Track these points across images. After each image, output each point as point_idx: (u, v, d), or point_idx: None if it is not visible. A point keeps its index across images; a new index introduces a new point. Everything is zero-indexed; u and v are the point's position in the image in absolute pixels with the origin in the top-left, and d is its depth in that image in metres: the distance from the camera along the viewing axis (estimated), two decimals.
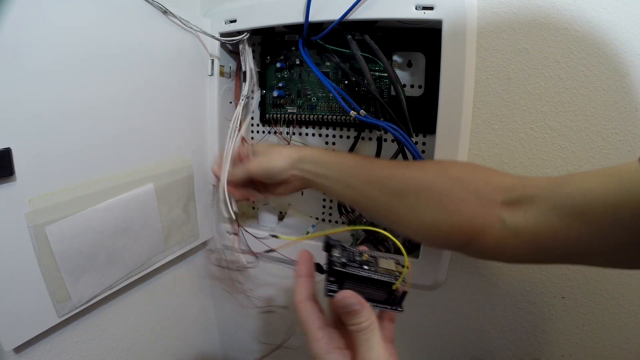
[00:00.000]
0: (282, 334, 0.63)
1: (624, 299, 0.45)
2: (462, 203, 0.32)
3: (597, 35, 0.41)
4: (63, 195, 0.38)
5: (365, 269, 0.29)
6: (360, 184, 0.38)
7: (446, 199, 0.33)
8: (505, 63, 0.44)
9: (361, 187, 0.38)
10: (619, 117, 0.42)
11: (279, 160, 0.43)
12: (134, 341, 0.53)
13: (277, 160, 0.43)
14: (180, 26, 0.50)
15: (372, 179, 0.37)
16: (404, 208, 0.35)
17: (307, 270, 0.31)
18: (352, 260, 0.30)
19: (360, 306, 0.28)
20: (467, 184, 0.33)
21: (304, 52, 0.52)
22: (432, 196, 0.33)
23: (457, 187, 0.33)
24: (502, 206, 0.31)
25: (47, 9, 0.34)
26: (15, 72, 0.33)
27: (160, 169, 0.50)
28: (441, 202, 0.33)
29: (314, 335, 0.29)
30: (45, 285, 0.37)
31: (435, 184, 0.34)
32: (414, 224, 0.35)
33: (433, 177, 0.35)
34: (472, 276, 0.51)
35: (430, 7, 0.43)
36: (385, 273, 0.30)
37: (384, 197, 0.36)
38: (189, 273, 0.62)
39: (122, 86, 0.43)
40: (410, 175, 0.36)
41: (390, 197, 0.35)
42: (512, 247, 0.31)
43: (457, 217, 0.32)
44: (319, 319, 0.30)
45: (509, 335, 0.51)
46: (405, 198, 0.34)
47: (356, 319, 0.28)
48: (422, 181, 0.34)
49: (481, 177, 0.34)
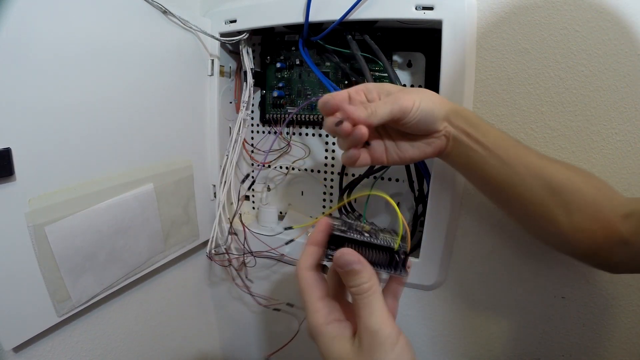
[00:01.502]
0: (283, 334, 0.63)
1: (624, 299, 0.45)
2: (602, 212, 0.33)
3: (597, 35, 0.41)
4: (63, 195, 0.38)
5: (365, 236, 0.28)
6: (520, 167, 0.33)
7: (593, 206, 0.33)
8: (505, 63, 0.44)
9: (521, 170, 0.33)
10: (619, 117, 0.42)
11: (436, 104, 0.34)
12: (134, 341, 0.53)
13: (435, 104, 0.34)
14: (180, 26, 0.50)
15: (530, 165, 0.34)
16: (557, 206, 0.34)
17: (320, 240, 0.28)
18: (351, 228, 0.29)
19: (360, 265, 0.26)
20: (605, 195, 0.34)
21: (304, 52, 0.52)
22: (583, 200, 0.34)
23: (600, 196, 0.34)
24: (621, 219, 0.33)
25: (47, 9, 0.34)
26: (16, 72, 0.33)
27: (160, 169, 0.50)
28: (589, 207, 0.33)
29: (313, 306, 0.28)
30: (45, 285, 0.37)
31: (586, 188, 0.34)
32: (563, 223, 0.34)
33: (583, 180, 0.34)
34: (472, 276, 0.51)
35: (430, 7, 0.43)
36: (383, 238, 0.29)
37: (540, 189, 0.34)
38: (189, 273, 0.62)
39: (122, 86, 0.43)
40: (565, 173, 0.34)
41: (546, 190, 0.34)
42: (619, 255, 0.33)
43: (598, 224, 0.33)
44: (319, 289, 0.28)
45: (509, 335, 0.51)
46: (560, 195, 0.33)
47: (357, 280, 0.26)
48: (576, 182, 0.34)
49: (609, 191, 0.35)
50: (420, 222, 0.52)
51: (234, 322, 0.70)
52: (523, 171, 0.34)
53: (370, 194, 0.55)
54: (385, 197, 0.30)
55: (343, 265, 0.26)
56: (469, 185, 0.48)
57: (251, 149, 0.63)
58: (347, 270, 0.26)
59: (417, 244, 0.52)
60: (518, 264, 0.48)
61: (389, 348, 0.24)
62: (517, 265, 0.48)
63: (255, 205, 0.67)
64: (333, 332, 0.27)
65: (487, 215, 0.48)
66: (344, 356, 0.26)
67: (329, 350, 0.27)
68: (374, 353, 0.24)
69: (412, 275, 0.51)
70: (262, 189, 0.65)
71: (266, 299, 0.59)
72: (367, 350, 0.25)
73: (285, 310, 0.59)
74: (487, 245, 0.49)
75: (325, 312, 0.28)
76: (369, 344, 0.25)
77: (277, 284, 0.63)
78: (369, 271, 0.26)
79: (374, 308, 0.25)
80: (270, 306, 0.59)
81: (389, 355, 0.24)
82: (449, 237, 0.49)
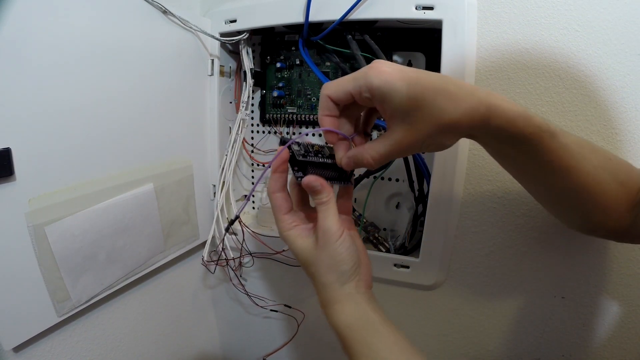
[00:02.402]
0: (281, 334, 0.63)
1: (624, 299, 0.45)
2: (620, 208, 0.33)
3: (597, 35, 0.41)
4: (63, 195, 0.38)
5: (319, 157, 0.36)
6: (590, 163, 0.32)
7: (613, 205, 0.33)
8: (505, 63, 0.44)
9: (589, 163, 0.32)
10: (619, 117, 0.42)
11: (447, 119, 0.27)
12: (134, 341, 0.53)
13: (446, 120, 0.27)
14: (180, 26, 0.50)
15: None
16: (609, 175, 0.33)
17: (282, 167, 0.35)
18: (308, 152, 0.36)
19: (321, 187, 0.33)
20: (626, 185, 0.33)
21: (304, 52, 0.52)
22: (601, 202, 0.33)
23: (622, 191, 0.33)
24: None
25: (47, 9, 0.34)
26: (15, 72, 0.33)
27: (160, 169, 0.50)
28: (609, 207, 0.33)
29: (279, 219, 0.36)
30: (45, 285, 0.37)
31: (607, 189, 0.33)
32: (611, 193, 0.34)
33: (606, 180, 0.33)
34: (472, 276, 0.51)
35: (430, 7, 0.43)
36: (333, 157, 0.36)
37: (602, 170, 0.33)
38: (189, 273, 0.62)
39: (122, 86, 0.43)
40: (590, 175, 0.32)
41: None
42: None
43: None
44: (286, 207, 0.36)
45: (509, 335, 0.51)
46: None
47: (319, 197, 0.34)
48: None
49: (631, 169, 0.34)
50: (421, 222, 0.52)
51: (233, 322, 0.70)
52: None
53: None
54: None
55: (309, 188, 0.34)
56: (469, 185, 0.48)
57: (251, 149, 0.63)
58: (312, 190, 0.34)
59: (417, 244, 0.52)
60: (518, 264, 0.48)
61: (334, 239, 0.33)
62: (517, 265, 0.48)
63: (255, 205, 0.67)
64: (295, 233, 0.35)
65: (487, 215, 0.48)
66: (304, 248, 0.35)
67: (293, 246, 0.35)
68: (324, 244, 0.33)
69: (412, 275, 0.51)
70: (262, 189, 0.65)
71: (263, 299, 0.59)
72: (321, 243, 0.33)
73: (282, 312, 0.59)
74: (487, 245, 0.49)
75: (289, 221, 0.35)
76: (322, 238, 0.33)
77: (275, 285, 0.63)
78: (328, 189, 0.34)
79: (328, 214, 0.33)
80: (267, 307, 0.59)
81: (334, 244, 0.33)
82: (449, 237, 0.49)
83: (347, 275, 0.33)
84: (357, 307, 0.33)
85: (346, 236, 0.34)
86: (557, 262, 0.46)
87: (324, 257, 0.33)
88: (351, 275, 0.33)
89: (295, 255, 0.36)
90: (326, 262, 0.33)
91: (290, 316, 0.58)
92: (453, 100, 0.26)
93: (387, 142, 0.29)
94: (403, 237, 0.53)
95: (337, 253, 0.33)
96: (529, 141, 0.28)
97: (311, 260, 0.34)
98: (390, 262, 0.51)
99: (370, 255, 0.38)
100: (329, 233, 0.33)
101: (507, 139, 0.29)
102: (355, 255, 0.34)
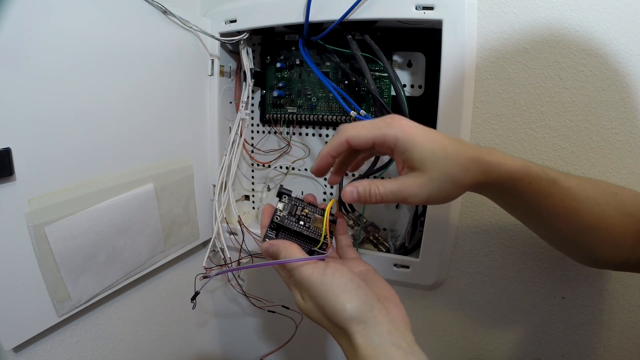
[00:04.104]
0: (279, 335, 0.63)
1: (624, 299, 0.45)
2: (629, 239, 0.33)
3: (597, 35, 0.41)
4: (63, 195, 0.38)
5: (301, 223, 0.36)
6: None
7: (621, 238, 0.33)
8: (505, 63, 0.44)
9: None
10: (619, 117, 0.42)
11: (449, 181, 0.30)
12: (134, 341, 0.53)
13: (448, 182, 0.30)
14: (180, 26, 0.50)
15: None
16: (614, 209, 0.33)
17: (267, 221, 0.36)
18: (291, 214, 0.36)
19: (276, 248, 0.34)
20: (635, 215, 0.33)
21: (304, 52, 0.52)
22: (611, 235, 0.33)
23: (630, 222, 0.33)
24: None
25: (47, 9, 0.34)
26: (15, 72, 0.33)
27: (160, 169, 0.50)
28: (617, 241, 0.33)
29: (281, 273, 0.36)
30: (45, 285, 0.37)
31: (614, 223, 0.33)
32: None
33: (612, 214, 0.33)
34: (472, 276, 0.51)
35: (430, 7, 0.43)
36: (315, 229, 0.36)
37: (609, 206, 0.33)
38: (189, 273, 0.62)
39: (122, 86, 0.43)
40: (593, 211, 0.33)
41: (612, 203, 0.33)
42: None
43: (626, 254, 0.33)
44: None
45: (509, 335, 0.51)
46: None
47: (279, 257, 0.33)
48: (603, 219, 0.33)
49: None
50: (421, 222, 0.52)
51: (234, 322, 0.70)
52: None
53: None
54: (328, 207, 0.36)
55: (266, 254, 0.35)
56: None
57: (251, 149, 0.63)
58: (269, 255, 0.34)
59: (417, 244, 0.52)
60: (518, 264, 0.48)
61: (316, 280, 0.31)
62: (517, 265, 0.48)
63: (255, 205, 0.67)
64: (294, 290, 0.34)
65: (487, 215, 0.48)
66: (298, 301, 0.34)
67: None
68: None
69: (412, 275, 0.51)
70: (262, 189, 0.65)
71: (261, 300, 0.59)
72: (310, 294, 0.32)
73: (280, 312, 0.59)
74: (487, 245, 0.49)
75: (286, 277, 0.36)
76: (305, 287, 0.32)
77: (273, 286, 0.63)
78: (282, 245, 0.33)
79: (298, 265, 0.32)
80: (265, 308, 0.59)
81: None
82: (448, 237, 0.49)
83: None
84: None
85: (330, 268, 0.31)
86: (557, 262, 0.47)
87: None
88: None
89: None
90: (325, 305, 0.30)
91: (287, 317, 0.58)
92: (459, 161, 0.29)
93: (398, 183, 0.31)
94: (403, 237, 0.53)
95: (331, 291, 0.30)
96: (530, 191, 0.30)
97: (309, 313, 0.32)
98: (390, 262, 0.51)
99: (370, 255, 0.38)
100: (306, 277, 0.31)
101: (508, 191, 0.31)
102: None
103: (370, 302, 0.29)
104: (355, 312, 0.28)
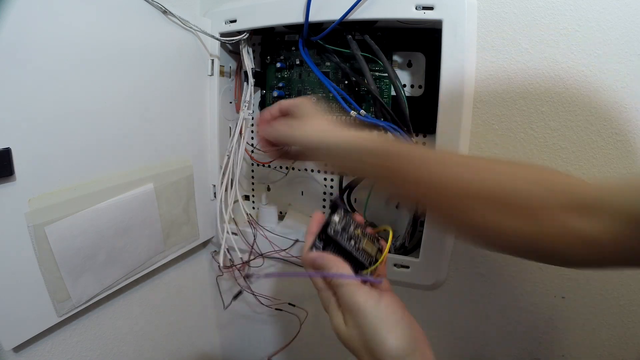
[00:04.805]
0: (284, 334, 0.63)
1: (624, 299, 0.45)
2: (544, 211, 0.28)
3: (597, 35, 0.41)
4: (63, 195, 0.38)
5: (351, 244, 0.33)
6: None
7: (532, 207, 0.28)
8: (505, 63, 0.44)
9: None
10: (619, 117, 0.42)
11: None
12: (134, 341, 0.53)
13: None
14: (180, 26, 0.50)
15: None
16: None
17: (316, 229, 0.34)
18: (344, 230, 0.34)
19: (327, 261, 0.32)
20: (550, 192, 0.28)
21: (304, 52, 0.52)
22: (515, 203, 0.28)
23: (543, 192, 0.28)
24: (569, 212, 0.27)
25: (47, 9, 0.35)
26: (15, 72, 0.33)
27: (160, 169, 0.50)
28: (524, 211, 0.28)
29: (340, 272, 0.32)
30: (45, 285, 0.37)
31: (520, 189, 0.29)
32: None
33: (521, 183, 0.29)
34: (472, 276, 0.51)
35: (430, 7, 0.43)
36: (363, 253, 0.34)
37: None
38: (188, 273, 0.62)
39: (122, 86, 0.43)
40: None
41: None
42: (580, 255, 0.27)
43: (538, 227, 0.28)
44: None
45: (509, 335, 0.51)
46: None
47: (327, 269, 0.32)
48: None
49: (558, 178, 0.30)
50: (421, 222, 0.52)
51: (234, 322, 0.70)
52: None
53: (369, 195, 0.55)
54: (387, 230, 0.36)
55: (307, 263, 0.33)
56: None
57: (251, 149, 0.63)
58: (317, 265, 0.33)
59: (417, 244, 0.52)
60: (518, 264, 0.48)
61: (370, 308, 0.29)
62: (517, 265, 0.48)
63: (255, 205, 0.67)
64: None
65: None
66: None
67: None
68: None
69: (412, 275, 0.51)
70: (262, 189, 0.65)
71: (268, 298, 0.59)
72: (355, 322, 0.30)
73: (287, 310, 0.60)
74: None
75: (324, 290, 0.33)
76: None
77: (279, 284, 0.63)
78: (334, 262, 0.32)
79: (349, 288, 0.31)
80: (272, 306, 0.59)
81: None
82: (449, 237, 0.49)
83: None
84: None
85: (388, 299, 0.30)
86: None
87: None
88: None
89: None
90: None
91: (292, 314, 0.58)
92: None
93: None
94: (403, 237, 0.53)
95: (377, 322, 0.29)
96: None
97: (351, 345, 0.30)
98: (390, 262, 0.51)
99: None
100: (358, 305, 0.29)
101: None
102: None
103: (414, 344, 0.29)
104: (401, 351, 0.28)
